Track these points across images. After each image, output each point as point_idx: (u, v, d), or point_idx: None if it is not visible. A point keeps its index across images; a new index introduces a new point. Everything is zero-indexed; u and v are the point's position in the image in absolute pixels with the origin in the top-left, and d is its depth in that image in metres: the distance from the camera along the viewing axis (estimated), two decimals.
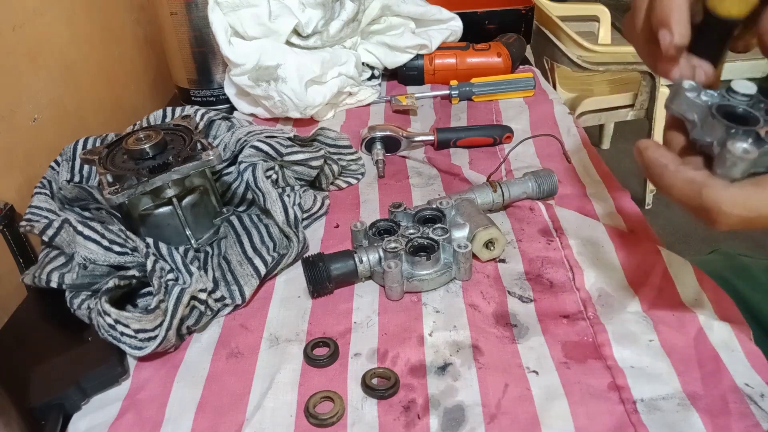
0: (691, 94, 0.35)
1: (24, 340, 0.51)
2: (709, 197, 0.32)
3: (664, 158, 0.34)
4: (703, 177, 0.32)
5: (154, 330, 0.44)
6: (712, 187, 0.32)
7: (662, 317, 0.45)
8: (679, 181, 0.33)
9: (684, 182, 0.33)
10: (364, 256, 0.50)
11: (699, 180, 0.32)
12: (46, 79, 0.68)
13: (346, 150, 0.66)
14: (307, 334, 0.46)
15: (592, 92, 1.78)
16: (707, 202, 0.32)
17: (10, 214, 0.58)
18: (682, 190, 0.33)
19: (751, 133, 0.31)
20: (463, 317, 0.46)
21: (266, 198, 0.54)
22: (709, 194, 0.32)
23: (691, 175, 0.33)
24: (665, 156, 0.34)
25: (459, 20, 0.91)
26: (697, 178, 0.32)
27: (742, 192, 0.31)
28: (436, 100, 0.86)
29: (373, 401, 0.40)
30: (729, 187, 0.31)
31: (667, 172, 0.34)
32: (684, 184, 0.33)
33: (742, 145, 0.31)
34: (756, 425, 0.36)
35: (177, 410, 0.41)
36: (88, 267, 0.48)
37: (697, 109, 0.35)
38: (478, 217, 0.52)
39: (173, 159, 0.50)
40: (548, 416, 0.38)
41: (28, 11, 0.65)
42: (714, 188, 0.32)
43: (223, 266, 0.51)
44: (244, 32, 0.74)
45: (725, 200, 0.31)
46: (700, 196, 0.32)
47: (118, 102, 0.84)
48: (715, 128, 0.33)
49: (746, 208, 0.31)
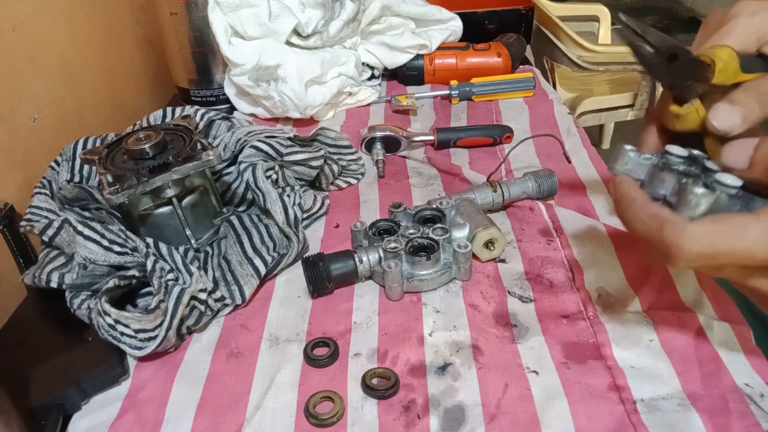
0: (634, 154, 0.37)
1: (24, 340, 0.51)
2: (669, 233, 0.32)
3: (634, 193, 0.35)
4: (666, 213, 0.33)
5: (154, 330, 0.44)
6: (674, 224, 0.32)
7: (662, 317, 0.45)
8: (643, 214, 0.34)
9: (648, 216, 0.34)
10: (364, 256, 0.50)
11: (662, 216, 0.33)
12: (46, 79, 0.68)
13: (346, 150, 0.66)
14: (307, 334, 0.46)
15: (592, 92, 1.78)
16: (667, 237, 0.32)
17: (10, 214, 0.58)
18: (645, 223, 0.34)
19: (699, 183, 0.33)
20: (463, 317, 0.46)
21: (266, 198, 0.54)
22: (669, 229, 0.32)
23: (656, 210, 0.33)
24: (636, 192, 0.35)
25: (459, 20, 0.91)
26: (661, 214, 0.33)
27: (701, 228, 0.31)
28: (436, 100, 0.86)
29: (373, 401, 0.40)
30: (689, 223, 0.32)
31: (633, 206, 0.35)
32: (647, 218, 0.34)
33: (702, 189, 0.32)
34: (756, 425, 0.36)
35: (177, 410, 0.41)
36: (88, 267, 0.48)
37: (642, 168, 0.37)
38: (478, 217, 0.52)
39: (173, 159, 0.50)
40: (548, 416, 0.38)
41: (28, 11, 0.65)
42: (675, 224, 0.32)
43: (223, 266, 0.51)
44: (244, 32, 0.74)
45: (685, 237, 0.31)
46: (660, 231, 0.32)
47: (118, 102, 0.84)
48: (665, 182, 0.35)
49: (704, 244, 0.31)
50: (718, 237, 0.31)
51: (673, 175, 0.35)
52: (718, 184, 0.33)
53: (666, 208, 0.34)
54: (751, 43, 0.38)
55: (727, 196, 0.33)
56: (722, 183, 0.33)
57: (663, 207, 0.34)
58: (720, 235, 0.31)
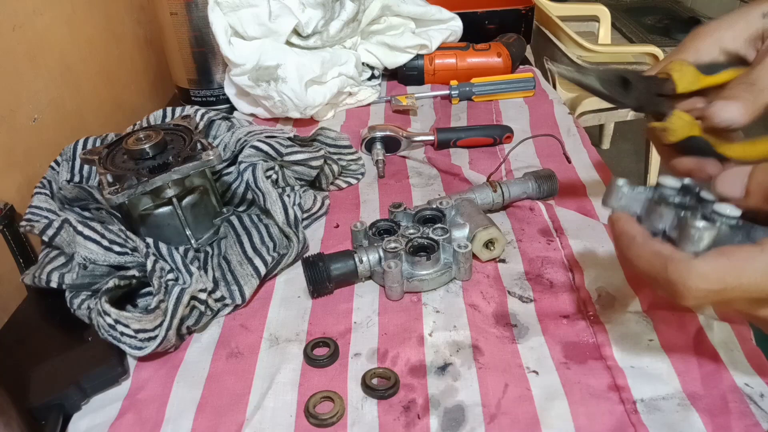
0: (627, 189, 0.37)
1: (24, 340, 0.51)
2: (675, 271, 0.31)
3: (633, 230, 0.34)
4: (669, 251, 0.32)
5: (154, 330, 0.44)
6: (679, 261, 0.32)
7: (662, 317, 0.45)
8: (646, 253, 0.33)
9: (651, 254, 0.33)
10: (364, 256, 0.50)
11: (665, 254, 0.32)
12: (46, 79, 0.68)
13: (346, 150, 0.66)
14: (307, 334, 0.46)
15: None
16: (673, 276, 0.32)
17: (10, 214, 0.58)
18: (649, 262, 0.33)
19: (697, 215, 0.33)
20: (463, 317, 0.46)
21: (266, 198, 0.54)
22: (675, 268, 0.31)
23: (658, 247, 0.33)
24: (634, 228, 0.35)
25: (459, 20, 0.91)
26: (664, 252, 0.32)
27: (707, 264, 0.31)
28: (436, 100, 0.86)
29: (373, 401, 0.40)
30: (694, 260, 0.31)
31: (634, 244, 0.34)
32: (651, 257, 0.33)
33: (704, 222, 0.32)
34: (756, 425, 0.36)
35: (177, 410, 0.41)
36: (88, 267, 0.48)
37: (637, 202, 0.36)
38: (478, 217, 0.52)
39: (173, 159, 0.50)
40: (548, 416, 0.38)
41: (28, 11, 0.65)
42: (680, 262, 0.31)
43: (223, 266, 0.51)
44: (244, 32, 0.74)
45: (692, 274, 0.31)
46: (666, 270, 0.32)
47: (118, 102, 0.84)
48: (663, 216, 0.34)
49: (712, 280, 0.31)
50: (724, 272, 0.31)
51: (671, 208, 0.34)
52: (717, 215, 0.33)
53: (668, 245, 0.33)
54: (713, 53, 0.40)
55: (727, 227, 0.32)
56: (722, 214, 0.33)
57: (665, 243, 0.33)
58: (727, 270, 0.31)
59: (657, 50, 1.55)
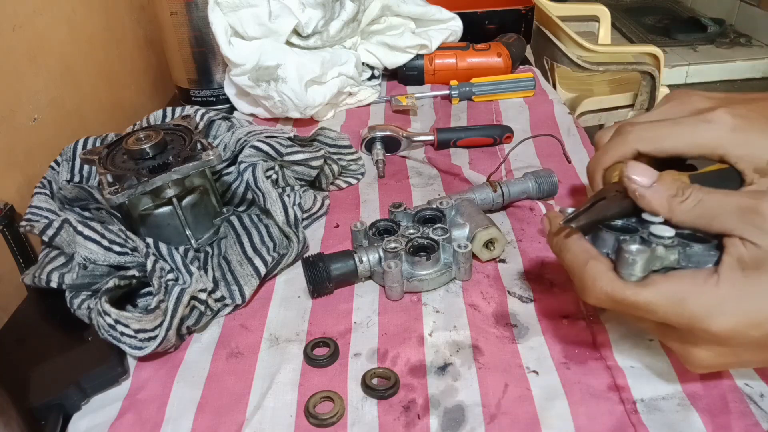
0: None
1: (24, 340, 0.51)
2: (591, 269, 0.35)
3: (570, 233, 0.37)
4: (596, 252, 0.36)
5: (154, 330, 0.44)
6: (600, 263, 0.35)
7: None
8: (575, 246, 0.37)
9: (579, 249, 0.36)
10: (364, 256, 0.50)
11: (592, 253, 0.36)
12: (46, 79, 0.68)
13: (346, 150, 0.66)
14: (307, 334, 0.46)
15: (592, 92, 1.78)
16: (589, 272, 0.35)
17: (10, 214, 0.58)
18: (575, 254, 0.37)
19: (636, 238, 0.35)
20: (463, 317, 0.46)
21: (266, 198, 0.54)
22: (592, 266, 0.35)
23: (587, 246, 0.36)
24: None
25: (459, 20, 0.91)
26: (591, 251, 0.36)
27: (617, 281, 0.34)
28: (436, 100, 0.86)
29: (373, 401, 0.40)
30: (610, 271, 0.35)
31: (568, 238, 0.37)
32: (578, 251, 0.36)
33: (637, 246, 0.34)
34: (756, 425, 0.36)
35: (177, 410, 0.41)
36: (88, 267, 0.48)
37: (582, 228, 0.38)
38: (478, 217, 0.52)
39: (173, 159, 0.50)
40: (548, 416, 0.38)
41: (28, 11, 0.65)
42: (600, 263, 0.35)
43: (223, 266, 0.51)
44: (244, 32, 0.74)
45: (603, 277, 0.35)
46: (585, 265, 0.36)
47: (118, 102, 0.84)
48: (606, 240, 0.37)
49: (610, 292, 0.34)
50: (618, 291, 0.34)
51: (612, 234, 0.36)
52: (653, 236, 0.35)
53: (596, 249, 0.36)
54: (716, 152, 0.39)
55: (663, 247, 0.34)
56: (656, 235, 0.35)
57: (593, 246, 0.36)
58: (620, 289, 0.34)
59: (657, 50, 1.55)
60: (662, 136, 0.40)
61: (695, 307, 0.32)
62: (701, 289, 0.32)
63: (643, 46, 1.63)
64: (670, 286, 0.33)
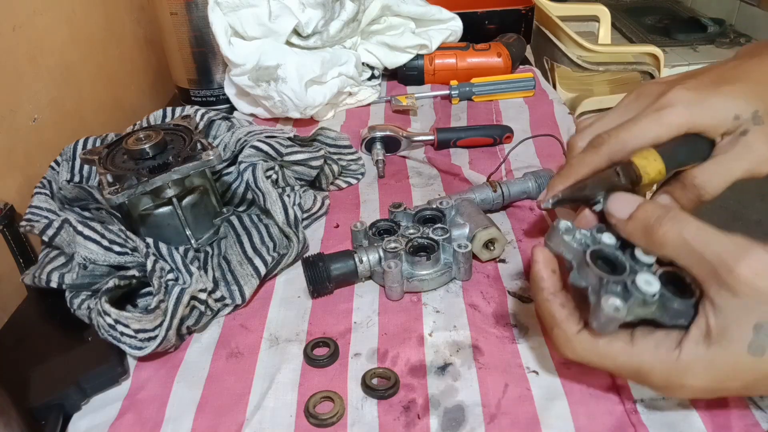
0: (567, 236, 0.38)
1: (24, 340, 0.51)
2: (557, 337, 0.37)
3: (543, 282, 0.38)
4: (561, 316, 0.37)
5: (154, 330, 0.44)
6: (562, 330, 0.36)
7: None
8: (542, 308, 0.38)
9: (547, 312, 0.37)
10: (364, 256, 0.50)
11: (557, 318, 0.37)
12: (46, 79, 0.68)
13: (346, 150, 0.66)
14: (307, 334, 0.46)
15: (592, 92, 1.78)
16: (555, 338, 0.37)
17: (10, 214, 0.58)
18: (543, 316, 0.38)
19: (620, 282, 0.34)
20: (463, 317, 0.46)
21: (266, 198, 0.54)
22: (557, 335, 0.37)
23: (554, 310, 0.37)
24: (548, 280, 0.38)
25: (459, 20, 0.91)
26: (556, 315, 0.37)
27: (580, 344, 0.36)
28: (436, 100, 0.86)
29: (373, 401, 0.40)
30: (576, 336, 0.36)
31: (540, 294, 0.38)
32: (546, 314, 0.37)
33: (614, 302, 0.33)
34: (756, 425, 0.36)
35: (177, 410, 0.41)
36: (88, 267, 0.48)
37: (573, 252, 0.38)
38: (478, 217, 0.52)
39: (173, 159, 0.50)
40: (548, 416, 0.38)
41: (28, 11, 0.65)
42: (562, 331, 0.36)
43: (223, 266, 0.51)
44: (244, 32, 0.74)
45: (567, 345, 0.36)
46: (551, 330, 0.37)
47: (118, 102, 0.84)
48: (588, 275, 0.36)
49: (579, 355, 0.36)
50: (585, 357, 0.36)
51: (595, 275, 0.35)
52: (635, 288, 0.34)
53: (563, 311, 0.36)
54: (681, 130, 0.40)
55: (641, 300, 0.34)
56: (639, 289, 0.34)
57: (562, 308, 0.36)
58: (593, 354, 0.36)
59: (657, 50, 1.54)
60: (628, 139, 0.41)
61: (657, 379, 0.34)
62: (662, 363, 0.33)
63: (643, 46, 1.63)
64: (633, 357, 0.34)
